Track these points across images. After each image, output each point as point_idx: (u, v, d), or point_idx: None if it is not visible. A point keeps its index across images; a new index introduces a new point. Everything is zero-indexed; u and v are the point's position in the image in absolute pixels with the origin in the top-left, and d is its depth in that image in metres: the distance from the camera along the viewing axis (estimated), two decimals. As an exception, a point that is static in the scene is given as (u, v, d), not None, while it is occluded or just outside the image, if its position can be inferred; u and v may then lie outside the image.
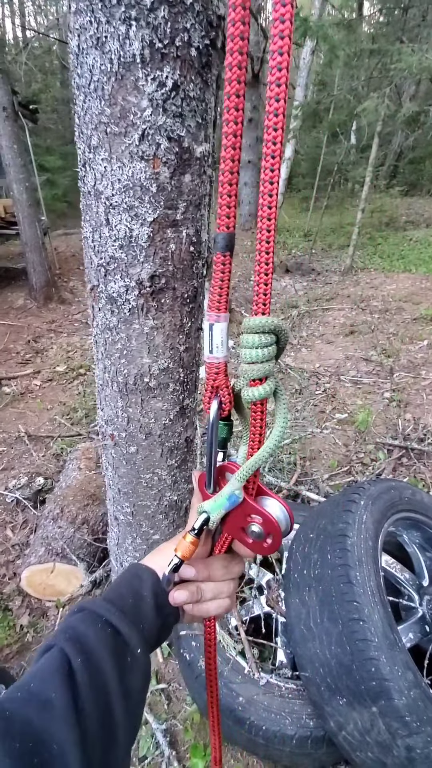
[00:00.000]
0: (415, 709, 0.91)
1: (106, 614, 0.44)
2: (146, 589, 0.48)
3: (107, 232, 0.80)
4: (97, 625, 0.43)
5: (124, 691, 0.41)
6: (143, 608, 0.47)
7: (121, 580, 0.51)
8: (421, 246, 7.33)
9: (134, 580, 0.50)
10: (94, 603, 0.46)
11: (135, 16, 0.62)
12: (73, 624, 0.44)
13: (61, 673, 0.37)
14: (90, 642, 0.41)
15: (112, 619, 0.44)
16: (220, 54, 0.73)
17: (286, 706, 1.13)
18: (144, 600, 0.48)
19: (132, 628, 0.45)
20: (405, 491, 1.39)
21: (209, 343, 0.40)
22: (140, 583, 0.49)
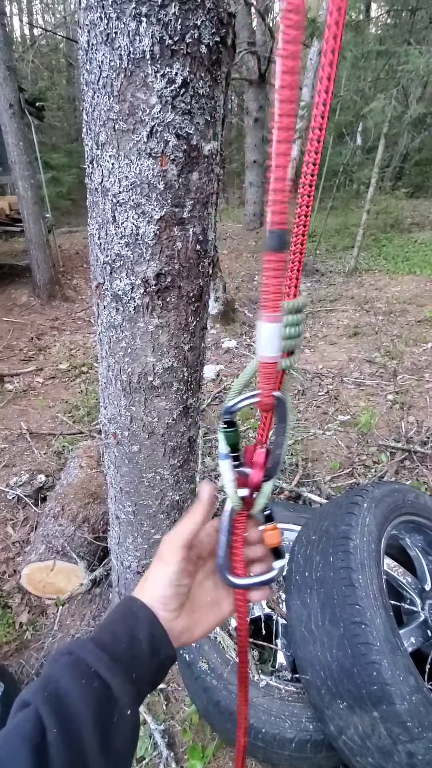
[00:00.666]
0: (416, 714, 0.90)
1: (96, 664, 0.40)
2: (142, 630, 0.44)
3: (114, 230, 0.79)
4: (83, 679, 0.39)
5: (107, 758, 0.37)
6: (138, 653, 0.43)
7: (114, 616, 0.46)
8: (426, 248, 7.30)
9: (129, 618, 0.45)
10: (84, 647, 0.42)
11: (145, 13, 0.61)
12: (56, 676, 0.39)
13: (31, 745, 0.33)
14: (71, 703, 0.37)
15: (101, 670, 0.39)
16: (230, 51, 0.72)
17: (286, 709, 1.12)
18: (139, 643, 0.43)
19: (124, 680, 0.40)
20: (408, 494, 1.38)
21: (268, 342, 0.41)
22: (136, 623, 0.44)
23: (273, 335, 0.40)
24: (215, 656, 1.24)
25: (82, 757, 0.35)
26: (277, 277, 0.37)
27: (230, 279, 6.50)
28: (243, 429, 2.83)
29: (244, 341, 4.29)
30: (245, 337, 4.42)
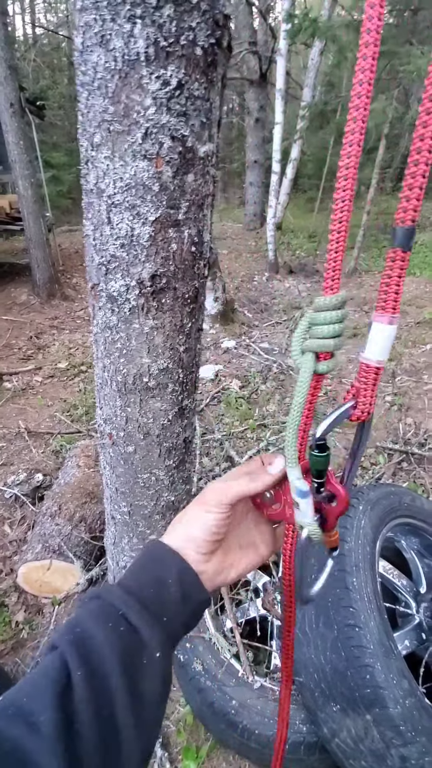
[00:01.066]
0: (409, 718, 0.90)
1: (123, 607, 0.39)
2: (171, 575, 0.42)
3: (109, 231, 0.79)
4: (109, 622, 0.38)
5: (135, 702, 0.35)
6: (167, 599, 0.41)
7: (140, 563, 0.45)
8: (426, 249, 7.30)
9: (155, 564, 0.43)
10: (111, 592, 0.41)
11: (140, 14, 0.61)
12: (83, 620, 0.38)
13: (56, 688, 0.33)
14: (97, 646, 0.36)
15: (130, 614, 0.38)
16: (226, 53, 0.72)
17: (280, 711, 1.12)
18: (168, 588, 0.41)
19: (153, 625, 0.39)
20: (404, 497, 1.38)
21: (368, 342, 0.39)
22: (163, 569, 0.43)
23: (388, 338, 0.38)
24: (209, 657, 1.24)
25: (109, 699, 0.34)
26: (400, 276, 0.36)
27: (230, 279, 6.49)
28: (241, 429, 2.84)
29: (243, 341, 4.29)
30: (244, 337, 4.42)
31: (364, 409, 0.41)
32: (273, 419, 2.92)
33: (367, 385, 0.40)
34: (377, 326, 0.38)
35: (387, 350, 0.39)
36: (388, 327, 0.37)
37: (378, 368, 0.39)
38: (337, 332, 0.40)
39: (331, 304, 0.39)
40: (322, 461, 0.41)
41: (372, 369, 0.39)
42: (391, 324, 0.37)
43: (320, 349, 0.40)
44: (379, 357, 0.39)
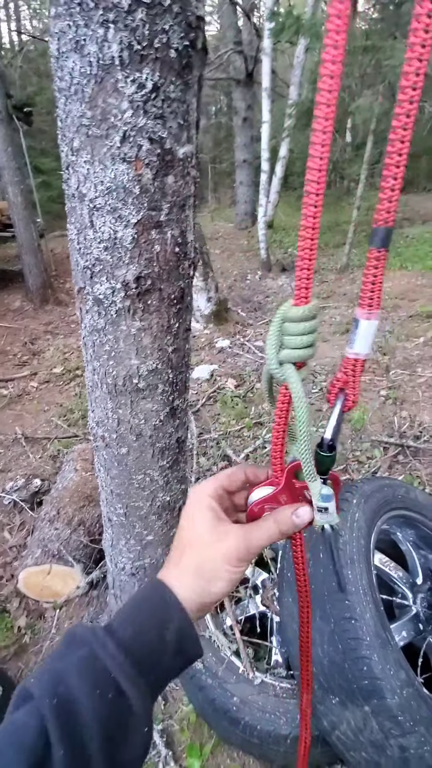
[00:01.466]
0: (407, 708, 0.91)
1: (115, 670, 0.35)
2: (172, 629, 0.39)
3: (92, 234, 0.80)
4: (97, 688, 0.34)
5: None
6: (162, 655, 0.38)
7: (142, 607, 0.40)
8: (417, 243, 7.33)
9: (157, 613, 0.39)
10: (104, 645, 0.36)
11: (113, 19, 0.62)
12: (68, 676, 0.34)
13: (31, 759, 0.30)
14: (83, 717, 0.33)
15: (121, 679, 0.35)
16: (201, 55, 0.73)
17: (281, 706, 1.13)
18: (166, 645, 0.38)
19: (144, 690, 0.36)
20: (398, 489, 1.39)
21: (354, 337, 0.40)
22: (164, 621, 0.39)
23: (371, 332, 0.39)
24: (210, 655, 1.25)
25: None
26: (378, 274, 0.38)
27: (223, 279, 6.50)
28: (237, 428, 2.84)
29: (238, 340, 4.30)
30: (239, 336, 4.43)
31: (353, 398, 0.43)
32: (269, 417, 2.93)
33: (354, 377, 0.42)
34: (360, 322, 0.39)
35: (370, 344, 0.40)
36: (371, 322, 0.39)
37: (363, 361, 0.41)
38: (309, 342, 0.41)
39: (303, 316, 0.40)
40: (331, 460, 0.43)
41: (359, 363, 0.41)
42: (374, 319, 0.39)
43: (298, 359, 0.42)
44: (363, 351, 0.40)
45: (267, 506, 0.47)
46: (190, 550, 0.43)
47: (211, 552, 0.42)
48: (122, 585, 1.46)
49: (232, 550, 0.41)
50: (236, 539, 0.42)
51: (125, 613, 0.40)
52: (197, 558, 0.42)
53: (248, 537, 0.43)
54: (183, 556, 0.43)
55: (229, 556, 0.41)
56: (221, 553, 0.41)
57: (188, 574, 0.42)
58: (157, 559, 1.37)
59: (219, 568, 0.41)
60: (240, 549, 0.42)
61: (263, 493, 0.47)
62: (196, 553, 0.43)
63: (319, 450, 0.44)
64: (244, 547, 0.42)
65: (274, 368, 0.43)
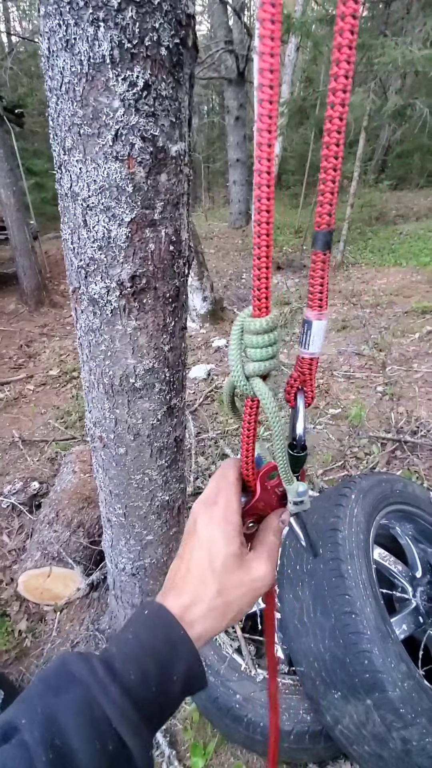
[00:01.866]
0: (409, 700, 0.91)
1: (116, 719, 0.31)
2: (179, 672, 0.36)
3: (85, 234, 0.79)
4: (97, 739, 0.30)
5: None
6: (167, 700, 0.35)
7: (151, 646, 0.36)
8: (411, 239, 7.35)
9: (166, 653, 0.36)
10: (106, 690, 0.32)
11: (103, 18, 0.62)
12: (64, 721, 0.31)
13: None
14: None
15: (122, 729, 0.31)
16: (191, 52, 0.73)
17: (283, 702, 1.13)
18: (172, 687, 0.36)
19: (146, 735, 0.33)
20: (396, 484, 1.40)
21: (305, 339, 0.41)
22: (174, 661, 0.36)
23: (321, 332, 0.41)
24: (212, 653, 1.25)
25: None
26: (323, 276, 0.38)
27: (218, 278, 6.50)
28: (235, 427, 2.84)
29: (234, 339, 4.30)
30: (235, 335, 4.43)
31: (312, 395, 0.45)
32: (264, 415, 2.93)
33: (310, 374, 0.44)
34: (312, 323, 0.40)
35: (321, 343, 0.41)
36: (322, 322, 0.40)
37: (317, 359, 0.43)
38: (272, 354, 0.41)
39: (265, 327, 0.40)
40: (304, 458, 0.45)
41: (314, 361, 0.43)
42: (321, 319, 0.39)
43: (265, 371, 0.42)
44: (317, 350, 0.41)
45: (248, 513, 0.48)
46: (213, 579, 0.39)
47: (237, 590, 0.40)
48: (123, 586, 1.46)
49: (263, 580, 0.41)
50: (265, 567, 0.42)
51: (130, 648, 0.36)
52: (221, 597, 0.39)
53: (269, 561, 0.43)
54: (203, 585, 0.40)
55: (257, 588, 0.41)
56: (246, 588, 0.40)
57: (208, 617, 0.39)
58: (157, 559, 1.37)
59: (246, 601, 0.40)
60: (268, 576, 0.42)
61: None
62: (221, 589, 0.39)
63: (291, 451, 0.45)
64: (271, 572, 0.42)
65: (242, 383, 0.43)
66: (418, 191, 10.99)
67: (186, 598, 0.39)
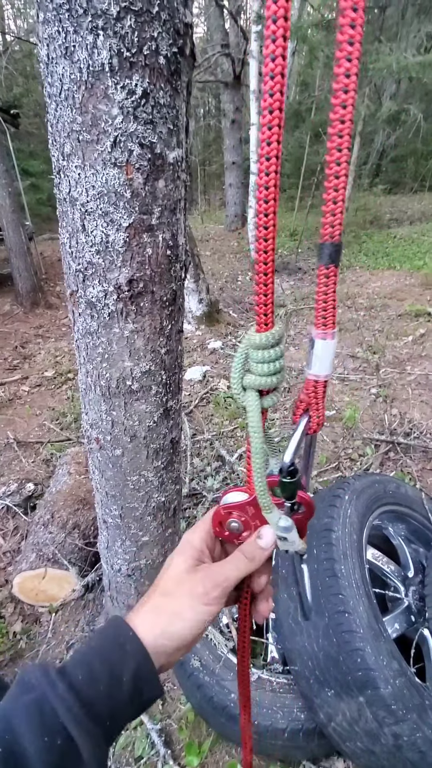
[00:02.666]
0: (400, 697, 0.93)
1: (64, 715, 0.33)
2: (128, 670, 0.37)
3: (84, 238, 0.81)
4: (45, 735, 0.32)
5: None
6: (117, 697, 0.36)
7: (96, 644, 0.38)
8: (405, 243, 7.42)
9: (113, 653, 0.37)
10: (54, 687, 0.34)
11: (102, 26, 0.63)
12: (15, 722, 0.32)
13: None
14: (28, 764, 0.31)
15: (70, 724, 0.33)
16: (189, 61, 0.74)
17: (278, 701, 1.14)
18: (121, 686, 0.36)
19: (95, 734, 0.34)
20: (389, 485, 1.42)
21: (311, 358, 0.39)
22: (121, 660, 0.37)
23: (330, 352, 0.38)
24: (207, 653, 1.26)
25: None
26: (330, 292, 0.36)
27: (213, 280, 6.52)
28: (231, 429, 2.86)
29: (230, 341, 4.32)
30: (230, 337, 4.45)
31: (318, 421, 0.41)
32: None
33: (317, 398, 0.41)
34: (318, 343, 0.38)
35: (329, 364, 0.39)
36: (327, 342, 0.38)
37: (324, 382, 0.40)
38: (275, 370, 0.39)
39: (267, 343, 0.38)
40: (295, 485, 0.42)
41: (320, 384, 0.40)
42: (329, 339, 0.37)
43: (262, 386, 0.40)
44: (322, 372, 0.39)
45: (235, 513, 0.45)
46: (159, 591, 0.42)
47: (178, 590, 0.41)
48: (118, 587, 1.46)
49: (198, 586, 0.40)
50: (203, 575, 0.41)
51: (80, 654, 0.38)
52: (162, 597, 0.41)
53: (216, 572, 0.42)
54: (151, 597, 0.42)
55: (195, 592, 0.40)
56: (187, 590, 0.40)
57: (150, 612, 0.40)
58: (153, 560, 1.38)
59: (183, 605, 0.40)
60: (206, 585, 0.41)
61: (234, 498, 0.46)
62: (163, 591, 0.42)
63: (281, 477, 0.41)
64: (211, 582, 0.41)
65: (237, 394, 0.42)
66: (412, 195, 11.09)
67: (140, 609, 0.41)
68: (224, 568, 0.42)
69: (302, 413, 0.42)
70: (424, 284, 5.43)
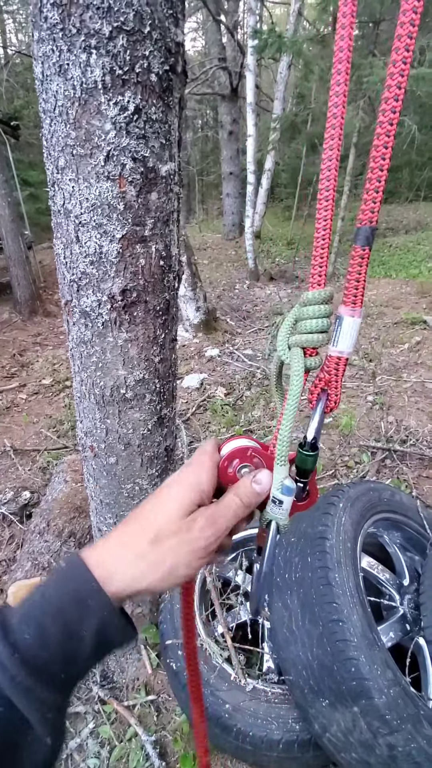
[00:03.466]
0: (395, 706, 0.92)
1: (8, 688, 0.30)
2: (89, 627, 0.33)
3: (78, 249, 0.82)
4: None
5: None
6: (74, 657, 0.33)
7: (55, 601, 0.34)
8: (400, 252, 7.49)
9: (74, 608, 0.33)
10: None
11: (95, 45, 0.65)
12: None
13: None
14: None
15: (11, 692, 0.30)
16: (181, 78, 0.76)
17: (273, 711, 1.14)
18: (81, 644, 0.33)
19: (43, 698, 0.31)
20: (384, 492, 1.42)
21: (337, 335, 0.39)
22: (82, 617, 0.33)
23: (355, 329, 0.39)
24: (201, 663, 1.25)
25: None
26: (362, 272, 0.38)
27: (211, 288, 6.56)
28: (228, 436, 2.86)
29: (227, 349, 4.33)
30: (228, 344, 4.46)
31: (336, 399, 0.42)
32: (259, 424, 2.95)
33: (337, 375, 0.41)
34: (345, 319, 0.39)
35: (354, 342, 0.40)
36: (355, 319, 0.39)
37: (346, 359, 0.41)
38: (324, 327, 0.41)
39: (319, 298, 0.41)
40: (312, 460, 0.42)
41: (342, 360, 0.41)
42: (354, 316, 0.39)
43: (308, 344, 0.41)
44: (347, 348, 0.40)
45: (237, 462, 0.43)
46: (147, 533, 0.37)
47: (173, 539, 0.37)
48: (113, 595, 1.45)
49: (200, 540, 0.37)
50: (205, 524, 0.38)
51: (32, 605, 0.34)
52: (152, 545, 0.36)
53: (218, 520, 0.38)
54: (134, 537, 0.37)
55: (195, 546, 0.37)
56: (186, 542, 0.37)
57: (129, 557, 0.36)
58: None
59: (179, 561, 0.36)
60: (209, 537, 0.37)
61: (236, 444, 0.44)
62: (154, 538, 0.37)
63: (302, 450, 0.42)
64: (213, 533, 0.38)
65: (282, 352, 0.43)
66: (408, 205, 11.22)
67: (113, 544, 0.37)
68: (219, 510, 0.39)
69: (320, 393, 0.42)
70: (420, 292, 5.47)
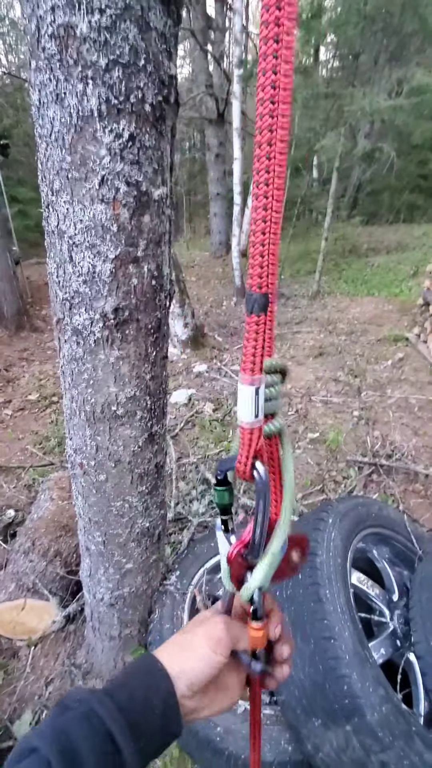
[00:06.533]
0: (387, 724, 0.92)
1: (112, 725, 0.37)
2: (158, 698, 0.41)
3: (71, 269, 0.83)
4: (96, 739, 0.37)
5: None
6: (150, 722, 0.40)
7: (132, 673, 0.43)
8: (382, 271, 7.70)
9: (148, 680, 0.42)
10: (101, 702, 0.39)
11: (91, 76, 0.68)
12: (69, 729, 0.37)
13: None
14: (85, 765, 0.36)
15: (116, 733, 0.37)
16: (173, 108, 0.80)
17: (264, 733, 1.11)
18: (153, 712, 0.40)
19: (135, 750, 0.38)
20: (372, 507, 1.44)
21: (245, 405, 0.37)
22: (153, 689, 0.41)
23: (250, 398, 0.37)
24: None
25: None
26: (256, 340, 0.36)
27: (199, 305, 6.63)
28: (216, 452, 2.86)
29: (215, 365, 4.36)
30: (215, 360, 4.49)
31: (241, 468, 0.40)
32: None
33: (245, 445, 0.39)
34: (240, 387, 0.37)
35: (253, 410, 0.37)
36: (248, 387, 0.37)
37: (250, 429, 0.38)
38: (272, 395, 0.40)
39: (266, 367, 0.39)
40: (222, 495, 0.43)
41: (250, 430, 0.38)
42: (252, 384, 0.37)
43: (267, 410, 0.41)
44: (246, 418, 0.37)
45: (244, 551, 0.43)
46: (182, 629, 0.48)
47: (203, 637, 0.44)
48: (101, 617, 1.42)
49: (222, 637, 0.44)
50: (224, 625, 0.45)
51: (118, 680, 0.42)
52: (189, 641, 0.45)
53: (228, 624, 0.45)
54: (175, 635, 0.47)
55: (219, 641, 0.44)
56: (211, 638, 0.44)
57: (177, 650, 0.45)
58: (136, 588, 1.35)
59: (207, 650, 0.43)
60: (217, 629, 0.44)
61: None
62: (184, 629, 0.47)
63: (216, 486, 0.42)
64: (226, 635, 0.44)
65: None
66: (388, 226, 11.59)
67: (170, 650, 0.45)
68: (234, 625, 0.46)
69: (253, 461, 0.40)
70: (402, 310, 5.62)
